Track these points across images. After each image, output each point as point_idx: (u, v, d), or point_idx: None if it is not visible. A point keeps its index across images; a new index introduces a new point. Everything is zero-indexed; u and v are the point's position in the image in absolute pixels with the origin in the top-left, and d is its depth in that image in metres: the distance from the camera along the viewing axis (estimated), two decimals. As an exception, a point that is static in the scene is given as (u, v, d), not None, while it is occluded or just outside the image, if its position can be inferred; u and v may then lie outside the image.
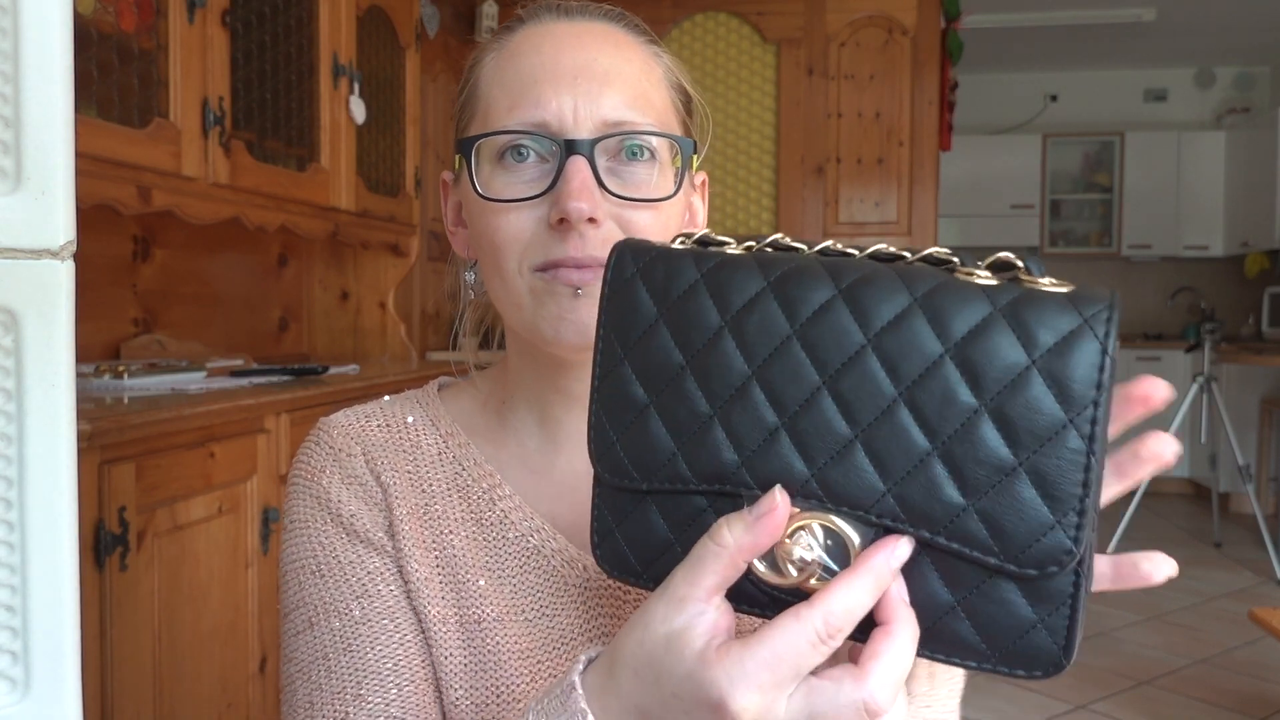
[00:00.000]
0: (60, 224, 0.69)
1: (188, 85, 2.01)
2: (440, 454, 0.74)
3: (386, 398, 0.79)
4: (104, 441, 1.45)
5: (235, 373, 2.24)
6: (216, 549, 1.79)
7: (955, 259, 0.47)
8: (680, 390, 0.49)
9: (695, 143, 0.72)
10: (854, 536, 0.46)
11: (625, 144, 0.68)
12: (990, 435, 0.43)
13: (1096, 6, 5.30)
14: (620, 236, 0.62)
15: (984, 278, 0.45)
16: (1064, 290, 0.44)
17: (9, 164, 0.68)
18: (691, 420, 0.49)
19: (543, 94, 0.66)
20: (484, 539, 0.71)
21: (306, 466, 0.74)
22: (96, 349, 2.25)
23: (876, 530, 0.45)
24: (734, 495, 0.48)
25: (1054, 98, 6.62)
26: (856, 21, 4.30)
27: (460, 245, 0.78)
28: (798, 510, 0.46)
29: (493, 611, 0.69)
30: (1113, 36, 5.80)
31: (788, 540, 0.46)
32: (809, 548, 0.46)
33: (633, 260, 0.51)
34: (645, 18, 0.77)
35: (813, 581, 0.46)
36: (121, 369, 1.95)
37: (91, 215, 1.80)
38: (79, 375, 0.81)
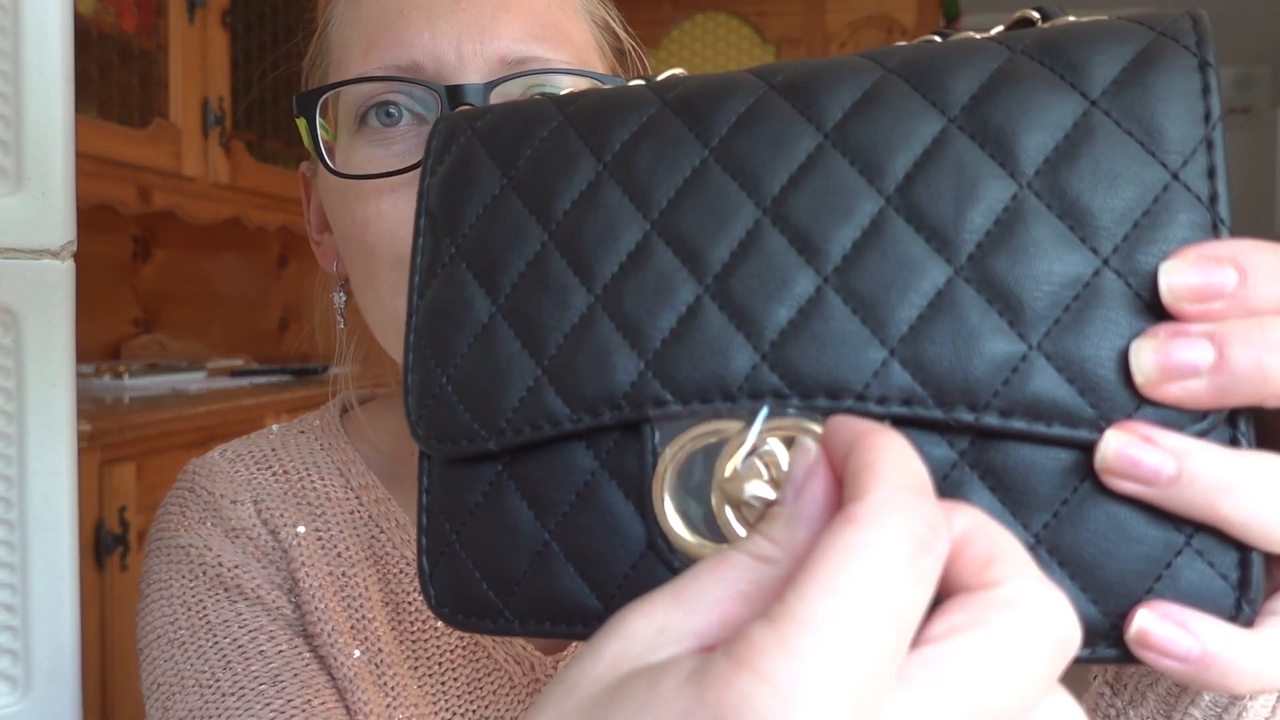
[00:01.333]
0: (60, 224, 0.69)
1: (188, 85, 2.02)
2: (353, 513, 0.57)
3: (274, 428, 0.62)
4: (104, 441, 1.45)
5: (235, 373, 2.24)
6: (216, 549, 1.79)
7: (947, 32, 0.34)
8: (541, 278, 0.33)
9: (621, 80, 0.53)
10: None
11: (531, 88, 0.50)
12: (1045, 232, 0.28)
13: (1097, 7, 5.31)
14: None
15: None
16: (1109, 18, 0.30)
17: (9, 164, 0.68)
18: (559, 318, 0.32)
19: (410, 26, 0.48)
20: (406, 628, 0.55)
21: (170, 519, 0.58)
22: (97, 349, 2.25)
23: (883, 424, 0.27)
24: (634, 424, 0.31)
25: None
26: (856, 22, 4.30)
27: (326, 258, 0.59)
28: (740, 424, 0.29)
29: (422, 713, 0.54)
30: (1113, 37, 5.81)
31: (730, 474, 0.28)
32: (770, 480, 0.27)
33: (468, 123, 0.36)
34: (645, 18, 0.76)
35: None
36: (122, 369, 1.95)
37: (92, 215, 1.80)
38: (79, 375, 0.81)
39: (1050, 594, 0.21)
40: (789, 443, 0.28)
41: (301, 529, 0.56)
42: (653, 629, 0.22)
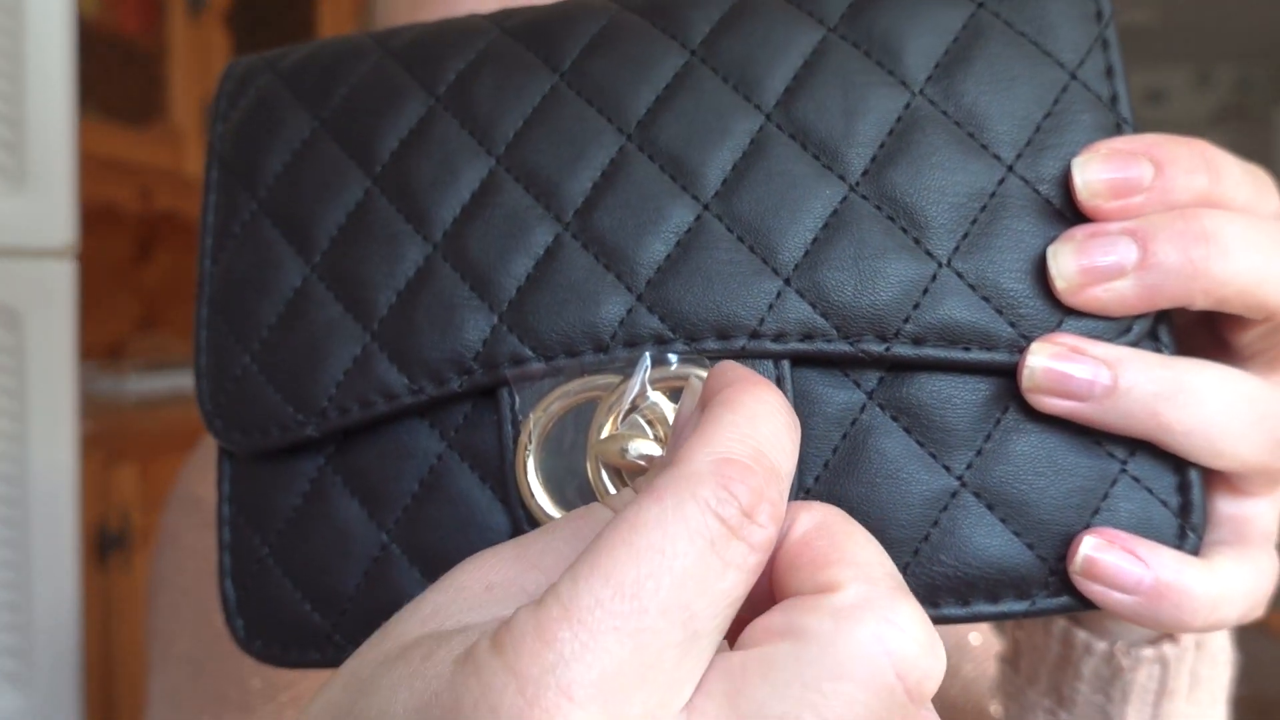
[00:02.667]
0: (62, 224, 0.69)
1: (189, 86, 2.02)
2: None
3: None
4: (106, 441, 1.45)
5: (236, 373, 2.24)
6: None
7: None
8: (365, 230, 0.28)
9: None
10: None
11: None
12: (944, 140, 0.26)
13: None
14: None
15: None
16: None
17: (12, 164, 0.68)
18: (390, 274, 0.27)
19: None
20: None
21: (186, 475, 0.59)
22: (98, 349, 2.25)
23: (779, 365, 0.25)
24: (488, 391, 0.27)
25: (1054, 98, 6.63)
26: (857, 22, 4.30)
27: None
28: (616, 378, 0.25)
29: None
30: (1113, 37, 5.81)
31: (608, 435, 0.24)
32: (656, 439, 0.24)
33: (267, 64, 0.31)
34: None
35: None
36: (124, 369, 1.96)
37: (93, 215, 1.80)
38: (81, 375, 0.82)
39: (897, 608, 0.18)
40: (674, 395, 0.25)
41: None
42: (481, 585, 0.20)
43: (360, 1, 2.78)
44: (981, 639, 0.55)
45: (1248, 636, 0.45)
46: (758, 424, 0.19)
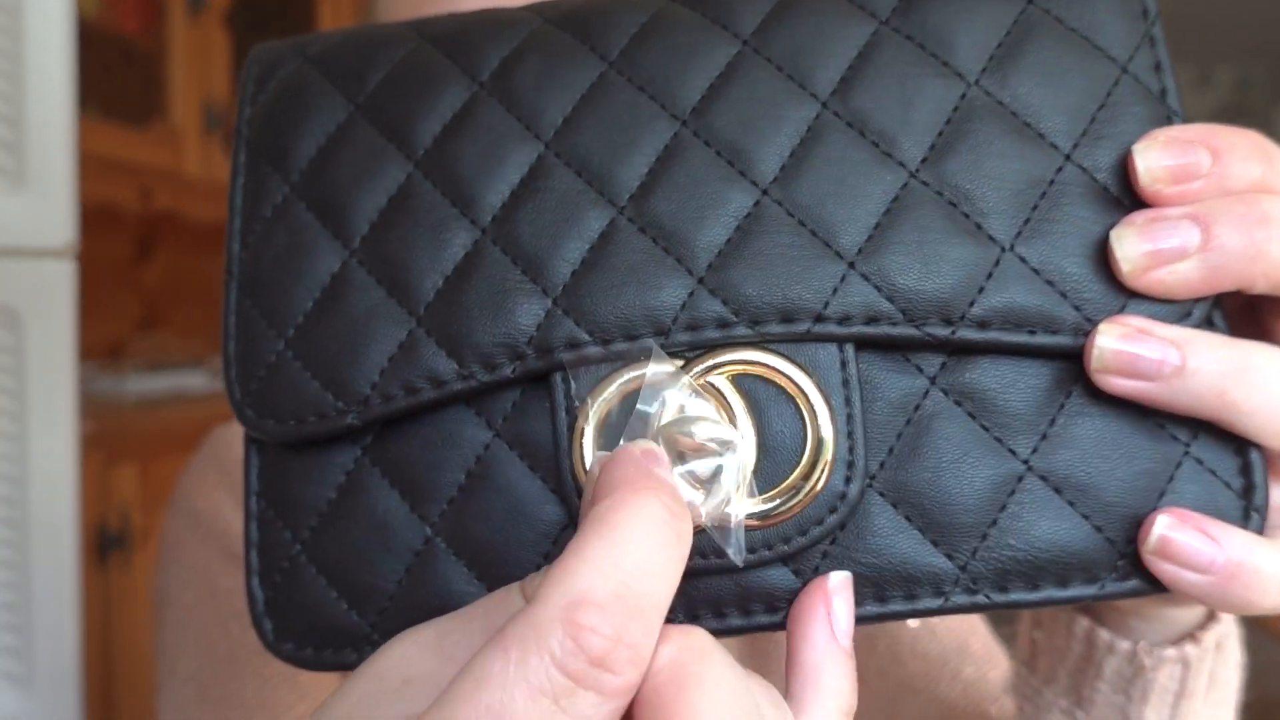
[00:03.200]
0: (62, 224, 0.69)
1: (189, 86, 2.02)
2: None
3: None
4: (106, 441, 1.45)
5: (236, 373, 2.24)
6: (218, 549, 1.79)
7: None
8: (408, 214, 0.27)
9: None
10: (795, 373, 0.25)
11: None
12: (1001, 130, 0.26)
13: None
14: None
15: None
16: None
17: (11, 164, 0.68)
18: (436, 259, 0.26)
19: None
20: None
21: (186, 484, 0.60)
22: (98, 349, 2.25)
23: (843, 349, 0.25)
24: (540, 378, 0.26)
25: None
26: (857, 22, 4.30)
27: None
28: (679, 362, 0.25)
29: None
30: (1113, 37, 5.81)
31: (676, 418, 0.24)
32: (713, 419, 0.24)
33: (295, 50, 0.31)
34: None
35: (738, 504, 0.24)
36: (124, 369, 1.96)
37: (93, 215, 1.80)
38: (81, 375, 0.82)
39: None
40: (739, 382, 0.25)
41: None
42: (399, 678, 0.19)
43: (361, 2, 2.78)
44: (981, 642, 0.55)
45: (1250, 639, 0.46)
46: (628, 549, 0.18)
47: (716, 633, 0.24)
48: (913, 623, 0.52)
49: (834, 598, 0.23)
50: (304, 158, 0.29)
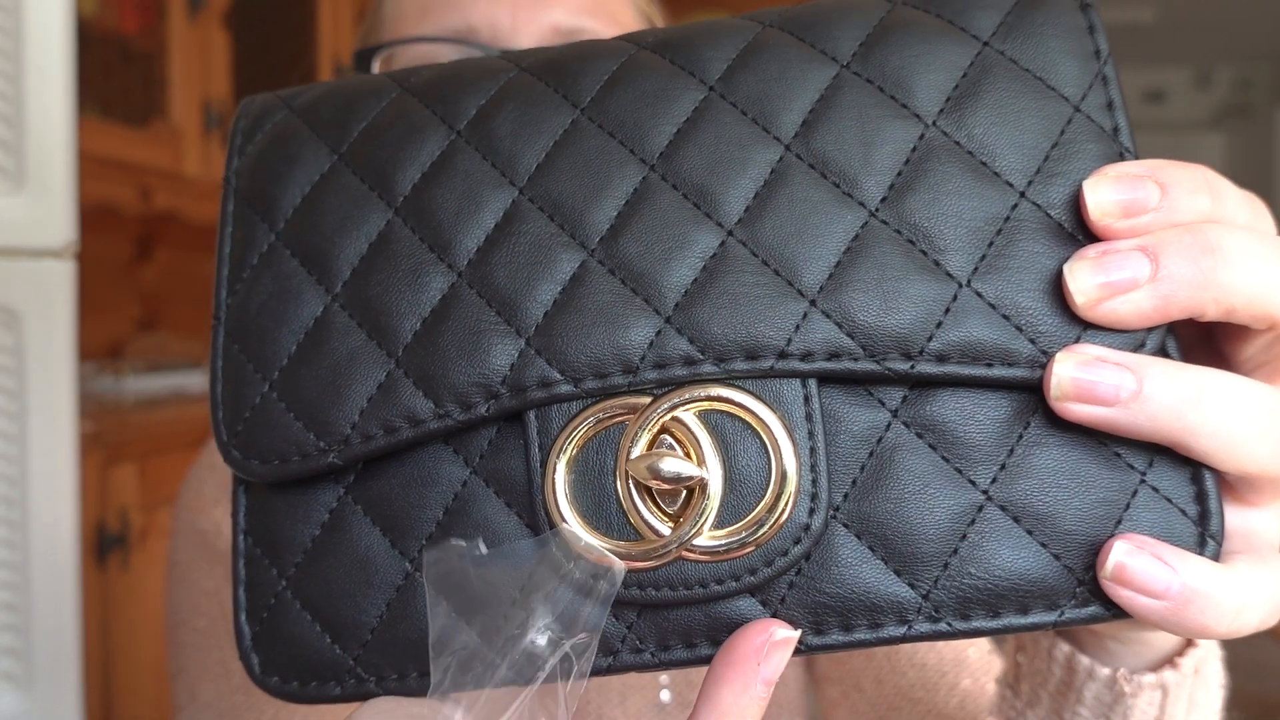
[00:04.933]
0: (62, 224, 0.69)
1: (189, 86, 2.02)
2: None
3: None
4: (106, 441, 1.45)
5: (236, 373, 2.24)
6: (217, 549, 1.79)
7: None
8: (387, 259, 0.28)
9: None
10: (760, 408, 0.26)
11: None
12: (958, 169, 0.27)
13: (1096, 7, 5.30)
14: None
15: None
16: None
17: (11, 164, 0.68)
18: (414, 302, 0.27)
19: None
20: None
21: (190, 498, 0.59)
22: (98, 349, 2.25)
23: (806, 384, 0.26)
24: (514, 417, 0.27)
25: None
26: (857, 22, 4.30)
27: None
28: (647, 399, 0.26)
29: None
30: (1112, 37, 5.77)
31: (640, 454, 0.25)
32: (686, 455, 0.25)
33: (283, 101, 0.33)
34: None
35: (705, 538, 0.25)
36: (123, 369, 1.96)
37: (93, 215, 1.80)
38: (80, 375, 0.81)
39: None
40: (706, 418, 0.25)
41: None
42: None
43: (361, 3, 2.78)
44: (979, 654, 0.55)
45: (1249, 639, 0.46)
46: None
47: (687, 662, 0.26)
48: None
49: (773, 653, 0.24)
50: (289, 206, 0.30)
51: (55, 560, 0.71)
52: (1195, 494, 0.25)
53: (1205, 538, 0.25)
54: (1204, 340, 0.28)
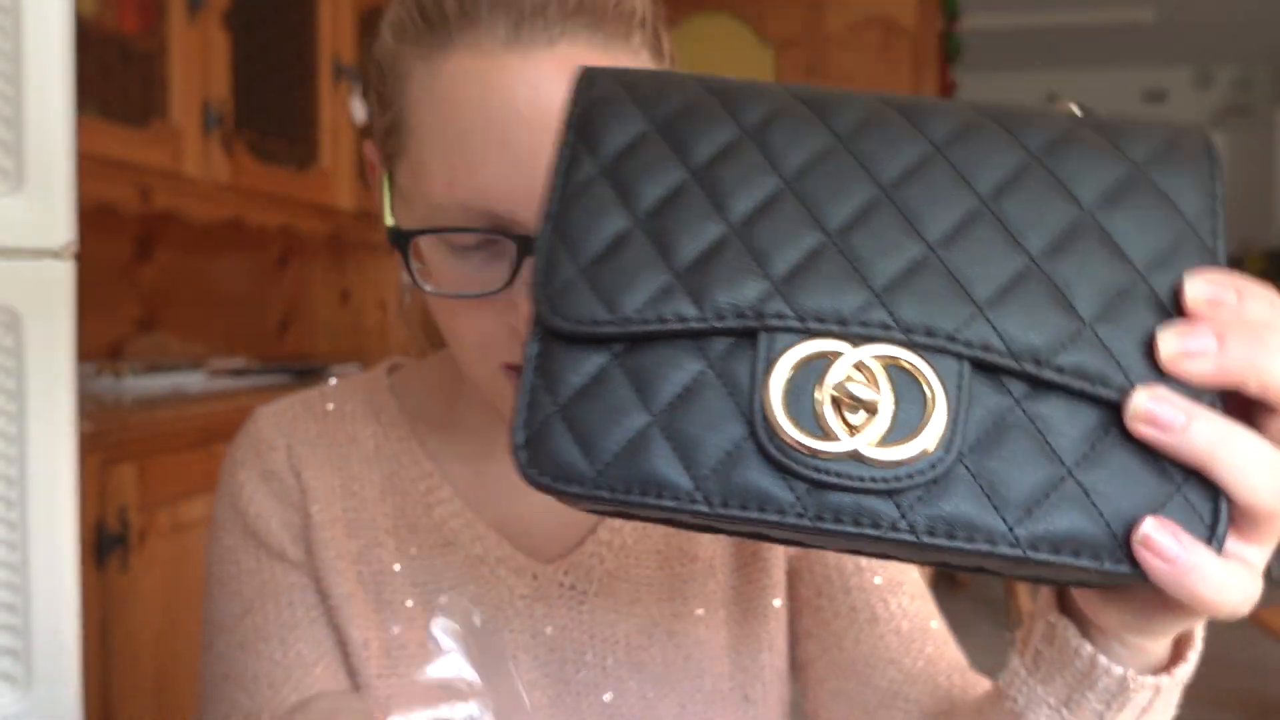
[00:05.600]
0: (61, 224, 0.69)
1: (188, 86, 2.02)
2: (377, 450, 0.66)
3: (332, 381, 0.70)
4: (105, 441, 1.45)
5: (236, 373, 2.24)
6: (217, 549, 1.79)
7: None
8: (679, 208, 0.39)
9: None
10: (929, 371, 0.35)
11: None
12: (1099, 248, 0.37)
13: (1096, 7, 5.30)
14: None
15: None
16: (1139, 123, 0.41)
17: (10, 164, 0.68)
18: (694, 239, 0.38)
19: (489, 178, 0.51)
20: (415, 549, 0.64)
21: (229, 459, 0.67)
22: (98, 349, 2.25)
23: (962, 364, 0.35)
24: (751, 333, 0.37)
25: (1053, 98, 6.63)
26: (856, 22, 4.30)
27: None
28: (849, 345, 0.36)
29: (418, 635, 0.62)
30: (1112, 37, 5.81)
31: (839, 378, 0.35)
32: (872, 383, 0.35)
33: (611, 74, 0.43)
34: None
35: (867, 448, 0.35)
36: (123, 369, 1.95)
37: (92, 215, 1.80)
38: (80, 375, 0.81)
39: None
40: (888, 369, 0.36)
41: (321, 472, 0.65)
42: None
43: (362, 5, 2.77)
44: (939, 626, 0.66)
45: (1249, 637, 0.54)
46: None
47: (832, 533, 0.35)
48: (879, 580, 0.65)
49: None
50: (612, 149, 0.41)
51: (54, 560, 0.70)
52: (1212, 509, 0.35)
53: (1211, 539, 0.35)
54: (1244, 411, 0.36)
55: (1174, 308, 0.36)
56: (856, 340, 0.36)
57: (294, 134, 2.48)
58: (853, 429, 0.35)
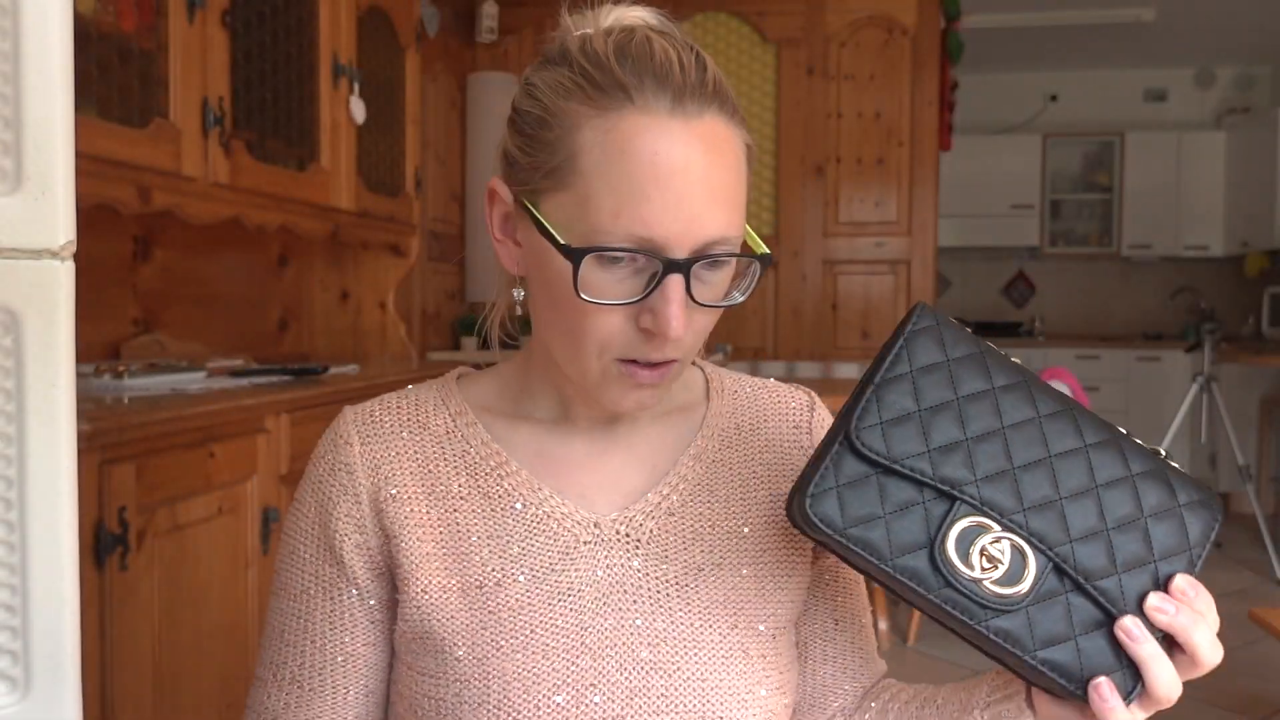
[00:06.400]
0: (60, 224, 0.69)
1: (188, 85, 2.02)
2: (448, 433, 0.79)
3: (410, 386, 0.83)
4: (104, 441, 1.45)
5: (235, 373, 2.24)
6: (216, 549, 1.79)
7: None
8: (946, 414, 0.64)
9: (770, 257, 0.74)
10: (1033, 557, 0.63)
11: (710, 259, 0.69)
12: (1136, 538, 0.65)
13: (1096, 6, 5.29)
14: (689, 335, 0.70)
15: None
16: (1185, 474, 0.67)
17: (9, 164, 0.68)
18: (945, 437, 0.64)
19: (652, 213, 0.66)
20: (490, 511, 0.76)
21: (317, 449, 0.80)
22: (97, 349, 2.25)
23: (1049, 560, 0.63)
24: (951, 498, 0.63)
25: (1054, 98, 6.62)
26: (856, 21, 4.30)
27: (510, 261, 0.77)
28: (996, 525, 0.63)
29: (494, 576, 0.74)
30: (1113, 36, 5.80)
31: (981, 542, 0.63)
32: (1000, 551, 0.63)
33: (931, 316, 0.67)
34: (646, 18, 0.76)
35: (986, 584, 0.62)
36: (121, 369, 1.95)
37: (91, 215, 1.80)
38: (79, 375, 0.81)
39: None
40: (1012, 544, 0.63)
41: (398, 457, 0.77)
42: None
43: (361, 4, 2.77)
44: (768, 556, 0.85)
45: (1249, 637, 0.67)
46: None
47: (946, 613, 0.63)
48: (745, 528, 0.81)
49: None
50: (919, 364, 0.67)
51: (53, 560, 0.70)
52: (1133, 686, 0.64)
53: (1127, 699, 0.63)
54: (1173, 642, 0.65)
55: (1163, 584, 0.64)
56: (1004, 526, 0.63)
57: (293, 134, 2.47)
58: (983, 569, 0.62)
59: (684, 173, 0.66)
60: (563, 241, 0.68)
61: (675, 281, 0.66)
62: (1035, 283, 6.71)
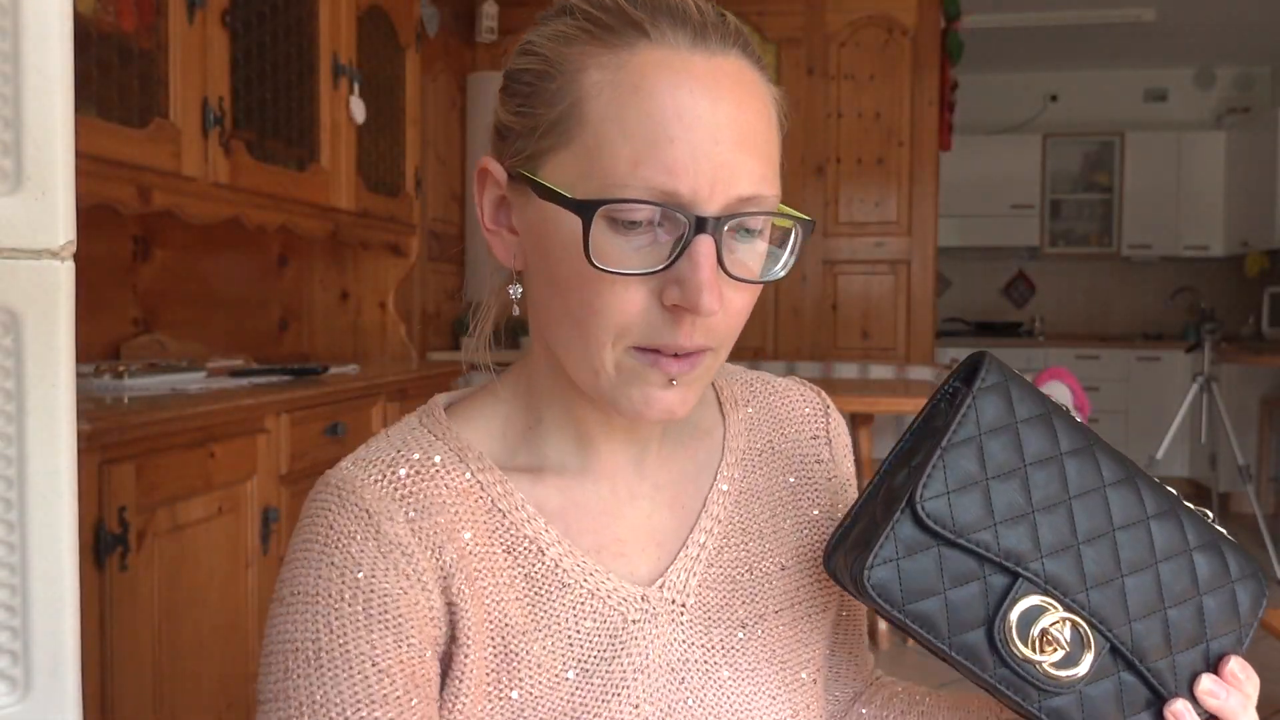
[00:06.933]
0: (60, 224, 0.69)
1: (188, 85, 2.02)
2: (478, 501, 0.64)
3: (385, 433, 0.68)
4: (104, 441, 1.45)
5: (235, 373, 2.24)
6: (216, 549, 1.79)
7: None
8: (1012, 483, 0.61)
9: (813, 221, 0.63)
10: (1093, 638, 0.61)
11: (746, 221, 0.60)
12: (1191, 614, 0.64)
13: (1096, 6, 5.29)
14: (723, 319, 0.60)
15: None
16: (1233, 542, 0.66)
17: (9, 164, 0.68)
18: (1011, 509, 0.61)
19: (678, 158, 0.56)
20: (534, 596, 0.64)
21: (328, 531, 0.61)
22: (96, 349, 2.25)
23: (1108, 641, 0.61)
24: (1013, 574, 0.60)
25: (1054, 98, 6.62)
26: (856, 21, 4.30)
27: (505, 253, 0.66)
28: (1058, 606, 0.61)
29: (546, 679, 0.63)
30: (1113, 36, 5.80)
31: (1041, 624, 0.60)
32: (1061, 633, 0.61)
33: (998, 371, 0.63)
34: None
35: (1045, 665, 0.60)
36: (121, 369, 1.95)
37: (91, 215, 1.80)
38: (79, 375, 0.81)
39: None
40: (1073, 624, 0.61)
41: (449, 536, 0.62)
42: None
43: (361, 4, 2.77)
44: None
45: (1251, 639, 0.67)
46: None
47: (999, 692, 0.61)
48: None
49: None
50: (986, 424, 0.63)
51: (53, 561, 0.70)
52: None
53: None
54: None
55: (1212, 662, 0.63)
56: (1066, 607, 0.61)
57: (293, 134, 2.47)
58: (1043, 650, 0.60)
59: (711, 114, 0.56)
60: (571, 196, 0.58)
61: (706, 244, 0.56)
62: (1035, 283, 6.72)
